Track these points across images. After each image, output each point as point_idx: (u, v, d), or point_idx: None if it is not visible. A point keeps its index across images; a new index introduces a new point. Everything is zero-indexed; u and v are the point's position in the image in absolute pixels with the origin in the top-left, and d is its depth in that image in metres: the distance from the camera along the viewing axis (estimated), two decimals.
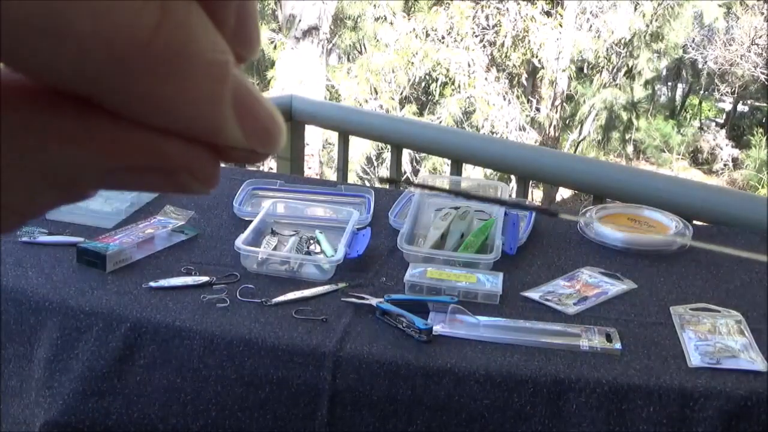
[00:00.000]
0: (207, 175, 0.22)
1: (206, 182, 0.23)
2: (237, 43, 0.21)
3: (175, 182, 0.22)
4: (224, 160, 0.23)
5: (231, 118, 0.21)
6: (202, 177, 0.22)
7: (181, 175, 0.22)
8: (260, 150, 0.23)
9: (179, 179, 0.22)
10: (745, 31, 9.86)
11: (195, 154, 0.22)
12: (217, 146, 0.22)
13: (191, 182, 0.22)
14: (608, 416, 1.07)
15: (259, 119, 0.22)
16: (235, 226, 1.51)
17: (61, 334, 1.21)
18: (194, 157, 0.22)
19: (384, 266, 1.41)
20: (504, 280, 1.33)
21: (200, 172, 0.22)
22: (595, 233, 1.57)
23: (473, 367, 1.11)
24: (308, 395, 1.13)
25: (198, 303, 1.24)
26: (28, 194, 0.21)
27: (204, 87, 0.20)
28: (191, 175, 0.22)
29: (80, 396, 1.18)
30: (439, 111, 8.68)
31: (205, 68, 0.20)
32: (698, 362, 1.12)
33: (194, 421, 1.15)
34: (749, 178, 9.47)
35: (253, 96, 0.22)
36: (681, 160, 10.30)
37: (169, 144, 0.21)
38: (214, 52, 0.20)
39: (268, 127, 0.22)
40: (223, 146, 0.22)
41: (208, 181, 0.23)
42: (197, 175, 0.22)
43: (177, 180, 0.22)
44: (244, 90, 0.21)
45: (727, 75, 10.33)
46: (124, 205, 1.56)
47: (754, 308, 1.29)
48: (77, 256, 1.34)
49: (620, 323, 1.23)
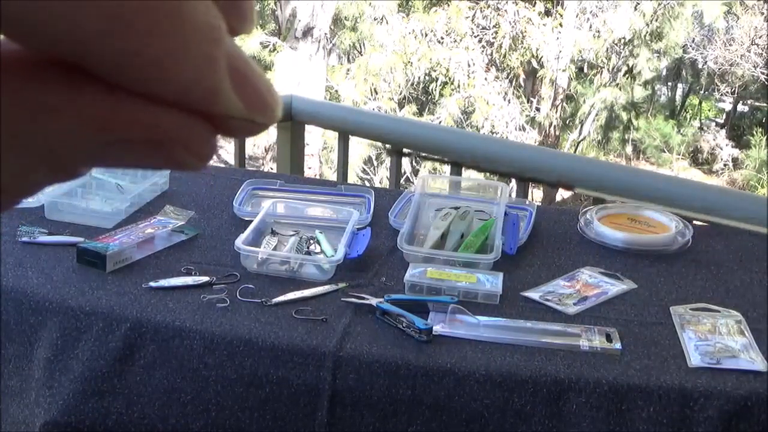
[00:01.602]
0: (202, 149, 0.22)
1: (202, 156, 0.22)
2: (230, 15, 0.21)
3: (170, 156, 0.22)
4: (222, 132, 0.22)
5: (227, 84, 0.21)
6: (197, 150, 0.22)
7: (176, 148, 0.21)
8: (259, 119, 0.22)
9: (174, 153, 0.21)
10: (745, 31, 9.85)
11: (191, 125, 0.21)
12: (213, 118, 0.21)
13: (186, 156, 0.22)
14: (608, 416, 1.07)
15: (255, 87, 0.22)
16: (235, 226, 1.51)
17: (61, 334, 1.21)
18: (190, 129, 0.21)
19: (384, 266, 1.41)
20: (504, 280, 1.33)
21: (196, 144, 0.22)
22: (595, 233, 1.57)
23: (473, 367, 1.11)
24: (308, 395, 1.13)
25: (198, 303, 1.24)
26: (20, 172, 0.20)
27: (198, 48, 0.20)
28: (186, 148, 0.21)
29: (80, 396, 1.18)
30: (438, 111, 8.68)
31: (199, 29, 0.20)
32: (698, 362, 1.12)
33: (194, 421, 1.15)
34: (749, 178, 9.47)
35: (248, 65, 0.21)
36: (681, 160, 10.30)
37: (165, 115, 0.20)
38: (207, 15, 0.20)
39: (265, 95, 0.22)
40: (220, 117, 0.21)
41: (203, 155, 0.22)
42: (193, 149, 0.22)
43: (172, 154, 0.21)
44: (239, 58, 0.21)
45: (727, 75, 10.32)
46: (124, 205, 1.56)
47: (754, 308, 1.29)
48: (77, 256, 1.34)
49: (620, 323, 1.23)
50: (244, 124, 0.22)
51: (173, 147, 0.21)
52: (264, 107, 0.22)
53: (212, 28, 0.20)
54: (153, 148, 0.21)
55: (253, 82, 0.22)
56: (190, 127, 0.21)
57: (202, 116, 0.21)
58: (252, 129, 0.22)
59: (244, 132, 0.23)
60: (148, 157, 0.21)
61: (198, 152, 0.22)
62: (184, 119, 0.21)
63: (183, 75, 0.20)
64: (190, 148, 0.22)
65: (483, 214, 1.57)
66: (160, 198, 1.67)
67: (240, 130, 0.22)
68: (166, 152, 0.21)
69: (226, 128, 0.22)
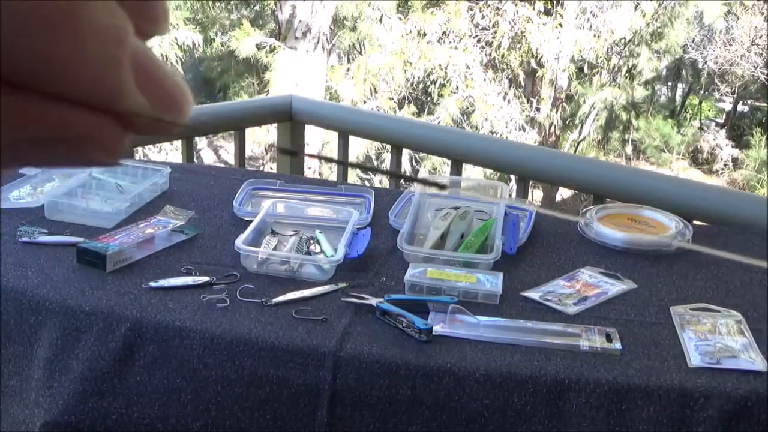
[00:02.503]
0: (112, 145, 0.22)
1: (112, 153, 0.22)
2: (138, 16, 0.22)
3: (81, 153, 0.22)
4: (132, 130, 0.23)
5: (131, 83, 0.21)
6: (108, 147, 0.22)
7: (86, 145, 0.22)
8: (166, 117, 0.23)
9: (85, 150, 0.22)
10: (745, 31, 9.85)
11: (99, 122, 0.22)
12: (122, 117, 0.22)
13: (97, 153, 0.22)
14: (608, 416, 1.07)
15: (161, 86, 0.22)
16: (235, 226, 1.51)
17: (61, 334, 1.21)
18: (99, 126, 0.22)
19: (384, 266, 1.41)
20: (504, 280, 1.33)
21: (105, 141, 0.22)
22: (595, 233, 1.57)
23: (473, 367, 1.11)
24: (308, 395, 1.13)
25: (198, 303, 1.24)
26: None
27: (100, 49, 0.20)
28: (96, 145, 0.22)
29: (80, 396, 1.18)
30: (438, 111, 8.68)
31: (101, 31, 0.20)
32: (698, 362, 1.12)
33: (194, 421, 1.15)
34: (749, 178, 9.47)
35: (155, 65, 0.22)
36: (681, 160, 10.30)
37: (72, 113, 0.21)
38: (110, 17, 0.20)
39: (171, 93, 0.22)
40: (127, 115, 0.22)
41: (113, 152, 0.23)
42: (103, 145, 0.22)
43: (83, 151, 0.22)
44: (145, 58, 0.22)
45: (727, 75, 10.32)
46: (124, 205, 1.56)
47: (754, 308, 1.29)
48: (77, 256, 1.34)
49: (620, 323, 1.23)
50: (151, 123, 0.22)
51: (84, 145, 0.22)
52: (169, 106, 0.23)
53: (116, 29, 0.21)
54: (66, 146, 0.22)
55: (159, 81, 0.22)
56: (98, 126, 0.22)
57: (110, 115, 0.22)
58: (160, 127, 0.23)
59: (152, 130, 0.23)
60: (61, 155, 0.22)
61: (109, 149, 0.22)
62: (93, 118, 0.21)
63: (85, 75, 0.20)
64: (100, 146, 0.22)
65: (483, 214, 1.57)
66: (160, 198, 1.67)
67: (148, 128, 0.23)
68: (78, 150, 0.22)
69: (135, 126, 0.23)
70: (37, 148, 0.21)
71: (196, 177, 1.82)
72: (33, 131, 0.21)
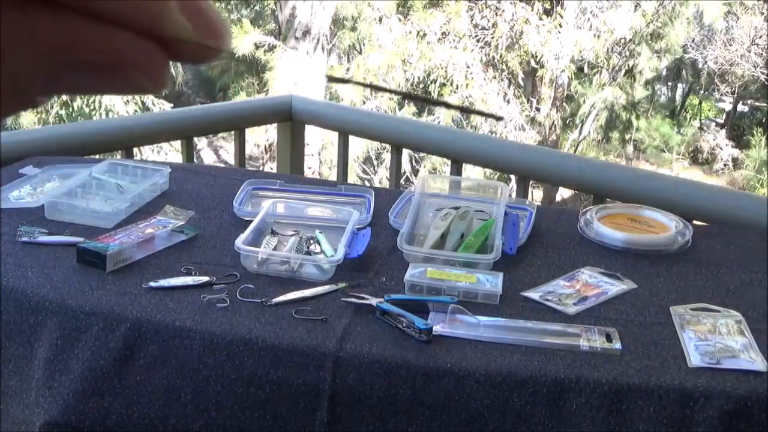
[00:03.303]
0: (157, 72, 0.22)
1: (156, 79, 0.22)
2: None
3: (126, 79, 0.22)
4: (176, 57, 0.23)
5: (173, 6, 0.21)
6: (152, 73, 0.22)
7: (130, 71, 0.22)
8: (210, 44, 0.22)
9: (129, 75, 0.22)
10: (745, 31, 9.86)
11: (144, 48, 0.21)
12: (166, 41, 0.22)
13: (141, 78, 0.22)
14: (608, 416, 1.07)
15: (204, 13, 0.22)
16: (235, 226, 1.51)
17: (61, 334, 1.21)
18: (143, 52, 0.22)
19: (384, 266, 1.41)
20: (504, 280, 1.33)
21: (150, 66, 0.22)
22: (595, 233, 1.57)
23: (473, 367, 1.11)
24: (308, 395, 1.13)
25: (198, 303, 1.24)
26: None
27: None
28: (141, 70, 0.22)
29: (80, 396, 1.18)
30: (438, 111, 8.68)
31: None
32: (698, 362, 1.12)
33: (194, 421, 1.15)
34: (749, 178, 9.47)
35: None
36: (681, 160, 10.30)
37: (117, 37, 0.21)
38: None
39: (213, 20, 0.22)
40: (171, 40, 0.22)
41: (158, 79, 0.22)
42: (147, 71, 0.22)
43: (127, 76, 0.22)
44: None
45: (727, 75, 10.33)
46: (124, 205, 1.56)
47: (754, 308, 1.29)
48: (77, 256, 1.34)
49: (620, 323, 1.23)
50: (195, 48, 0.22)
51: (128, 69, 0.22)
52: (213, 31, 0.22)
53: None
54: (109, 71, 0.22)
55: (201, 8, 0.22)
56: (143, 50, 0.22)
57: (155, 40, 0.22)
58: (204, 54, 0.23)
59: (196, 57, 0.23)
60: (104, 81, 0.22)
61: (153, 75, 0.22)
62: (137, 42, 0.21)
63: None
64: (145, 71, 0.22)
65: (483, 214, 1.57)
66: (160, 198, 1.67)
67: (192, 54, 0.23)
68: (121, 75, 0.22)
69: (179, 52, 0.22)
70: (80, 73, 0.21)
71: (196, 177, 1.82)
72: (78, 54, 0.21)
